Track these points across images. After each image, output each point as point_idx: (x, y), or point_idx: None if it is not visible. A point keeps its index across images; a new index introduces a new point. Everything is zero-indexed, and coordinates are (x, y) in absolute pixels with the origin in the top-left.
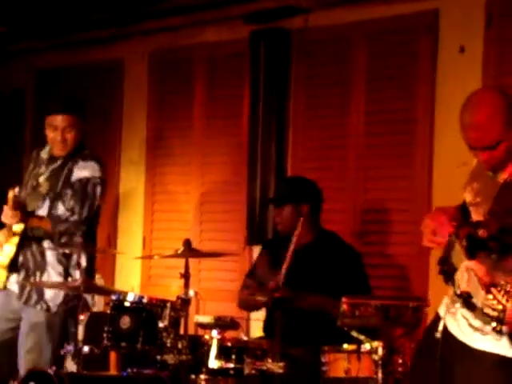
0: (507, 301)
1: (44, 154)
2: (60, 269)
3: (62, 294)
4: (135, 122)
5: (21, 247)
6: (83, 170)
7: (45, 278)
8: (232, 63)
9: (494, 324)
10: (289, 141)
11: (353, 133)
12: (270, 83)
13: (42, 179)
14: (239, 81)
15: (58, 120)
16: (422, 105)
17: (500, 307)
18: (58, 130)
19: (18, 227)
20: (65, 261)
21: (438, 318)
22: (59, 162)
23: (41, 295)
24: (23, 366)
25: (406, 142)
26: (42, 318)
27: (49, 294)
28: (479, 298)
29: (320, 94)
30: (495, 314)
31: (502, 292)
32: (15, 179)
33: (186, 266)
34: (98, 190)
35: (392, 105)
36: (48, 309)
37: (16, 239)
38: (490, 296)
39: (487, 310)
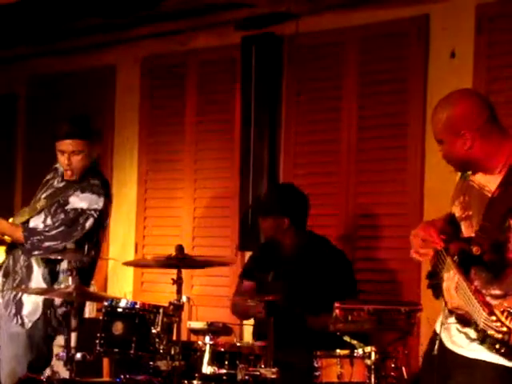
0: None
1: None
2: (44, 282)
3: (39, 310)
4: (127, 127)
5: (9, 255)
6: (80, 202)
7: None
8: (224, 69)
9: (497, 346)
10: (281, 146)
11: (345, 137)
12: (261, 89)
13: (44, 195)
14: (231, 86)
15: (65, 145)
16: (414, 109)
17: (504, 329)
18: (64, 155)
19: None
20: (49, 278)
21: (435, 335)
22: (62, 184)
23: (19, 309)
24: (3, 376)
25: (398, 147)
26: (21, 329)
27: (27, 309)
28: (479, 317)
29: (312, 98)
30: (499, 336)
31: (506, 313)
32: (6, 182)
33: (179, 272)
34: (89, 222)
35: (384, 109)
36: (22, 324)
37: (3, 247)
38: (494, 317)
39: (491, 332)
